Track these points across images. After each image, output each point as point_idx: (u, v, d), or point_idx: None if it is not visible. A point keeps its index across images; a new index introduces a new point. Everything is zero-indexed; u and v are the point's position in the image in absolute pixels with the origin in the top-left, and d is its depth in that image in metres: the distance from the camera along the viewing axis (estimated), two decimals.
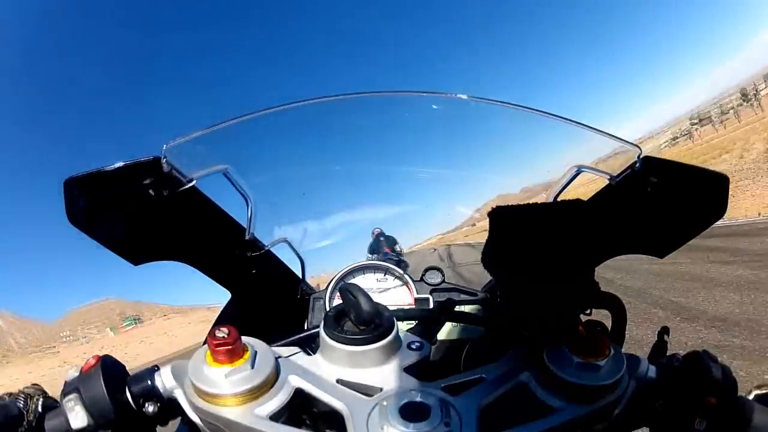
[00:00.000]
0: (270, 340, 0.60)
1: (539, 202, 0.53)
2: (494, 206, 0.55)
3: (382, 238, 1.57)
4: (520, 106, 0.80)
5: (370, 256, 1.58)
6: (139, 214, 0.73)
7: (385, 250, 1.61)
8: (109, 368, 0.49)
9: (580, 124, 0.76)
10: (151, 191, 0.71)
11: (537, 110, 0.79)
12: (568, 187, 0.84)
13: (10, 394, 0.47)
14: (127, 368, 0.53)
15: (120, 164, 0.68)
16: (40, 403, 0.47)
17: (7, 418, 0.44)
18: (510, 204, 0.53)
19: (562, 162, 0.84)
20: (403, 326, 0.67)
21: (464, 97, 0.83)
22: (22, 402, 0.46)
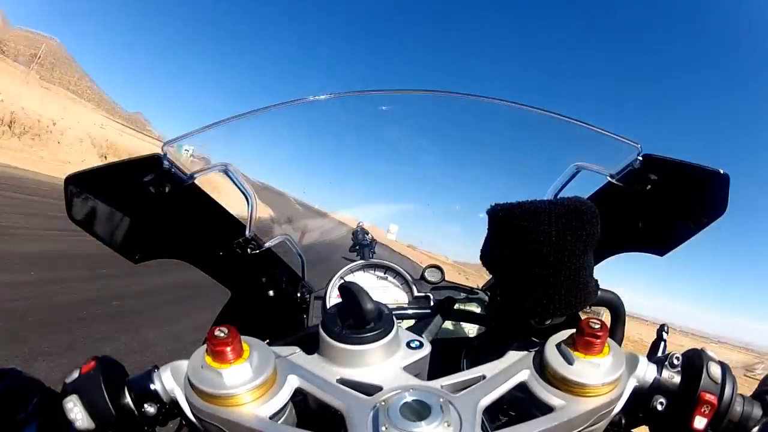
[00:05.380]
0: (269, 340, 0.59)
1: (538, 200, 0.52)
2: (494, 204, 0.54)
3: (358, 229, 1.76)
4: (517, 103, 0.80)
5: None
6: (140, 212, 0.72)
7: (358, 238, 1.80)
8: (109, 369, 0.49)
9: (578, 121, 0.76)
10: (151, 188, 0.71)
11: (534, 108, 0.79)
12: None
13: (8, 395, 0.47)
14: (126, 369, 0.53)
15: (120, 161, 0.68)
16: (39, 404, 0.47)
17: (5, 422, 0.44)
18: (509, 202, 0.53)
19: (560, 160, 0.84)
20: (403, 325, 0.67)
21: (461, 94, 0.82)
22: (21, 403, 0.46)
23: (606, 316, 0.66)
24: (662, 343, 0.60)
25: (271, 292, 1.05)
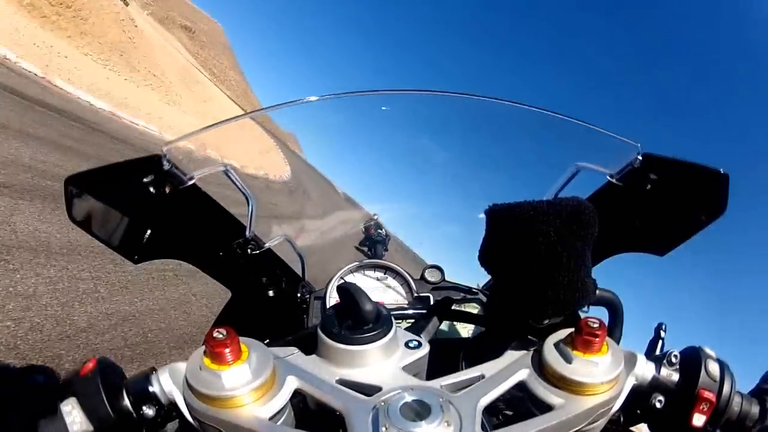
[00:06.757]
0: (269, 340, 0.59)
1: (536, 200, 0.52)
2: (492, 204, 0.55)
3: (371, 223, 1.84)
4: (516, 102, 0.80)
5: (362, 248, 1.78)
6: (140, 212, 0.73)
7: (371, 232, 1.86)
8: (107, 371, 0.49)
9: (578, 120, 0.76)
10: (151, 189, 0.71)
11: (534, 107, 0.79)
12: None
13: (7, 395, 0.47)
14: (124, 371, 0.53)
15: (120, 162, 0.68)
16: (37, 407, 0.47)
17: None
18: (508, 202, 0.53)
19: (560, 159, 0.84)
20: (402, 325, 0.67)
21: (458, 94, 0.82)
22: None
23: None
24: (660, 341, 0.61)
25: (271, 293, 1.05)
